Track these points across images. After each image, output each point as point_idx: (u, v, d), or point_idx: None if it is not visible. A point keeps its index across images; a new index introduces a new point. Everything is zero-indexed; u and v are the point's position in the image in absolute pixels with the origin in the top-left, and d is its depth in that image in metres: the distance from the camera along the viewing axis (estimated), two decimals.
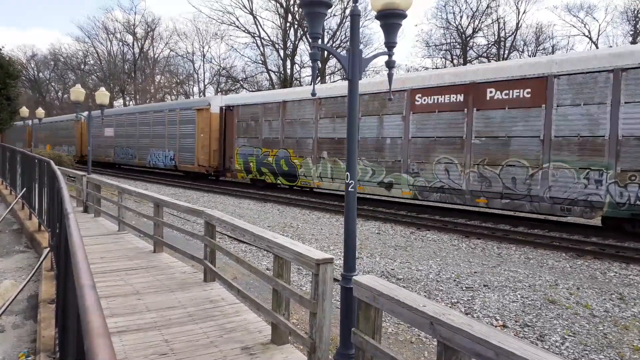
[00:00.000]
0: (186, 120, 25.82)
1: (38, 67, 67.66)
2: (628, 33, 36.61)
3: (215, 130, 24.02)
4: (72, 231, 2.50)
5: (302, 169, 18.77)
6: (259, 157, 20.89)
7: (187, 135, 25.72)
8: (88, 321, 1.29)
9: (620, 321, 6.22)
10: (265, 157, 20.57)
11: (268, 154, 20.44)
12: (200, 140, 24.50)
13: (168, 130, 27.53)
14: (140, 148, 30.43)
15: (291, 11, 41.14)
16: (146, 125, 29.98)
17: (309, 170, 18.45)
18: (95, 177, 13.20)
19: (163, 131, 28.04)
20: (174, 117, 27.16)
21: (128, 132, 32.22)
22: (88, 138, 34.62)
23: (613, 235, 11.58)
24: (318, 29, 3.84)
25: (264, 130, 20.71)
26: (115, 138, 33.60)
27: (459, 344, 2.48)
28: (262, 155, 20.71)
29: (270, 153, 20.31)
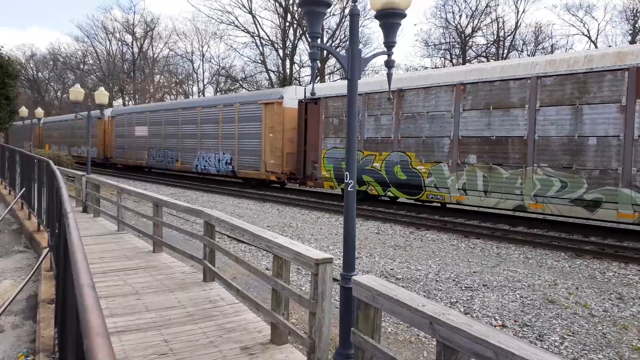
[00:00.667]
0: (249, 116, 21.55)
1: (37, 67, 67.62)
2: (627, 32, 36.65)
3: (290, 128, 19.57)
4: (71, 231, 2.50)
5: (430, 178, 14.28)
6: (358, 163, 16.05)
7: (249, 135, 21.48)
8: (87, 321, 1.29)
9: (619, 321, 6.22)
10: (368, 163, 16.01)
11: (373, 159, 15.92)
12: (269, 141, 20.13)
13: (223, 129, 23.12)
14: (184, 150, 25.79)
15: (290, 10, 41.13)
16: (191, 123, 25.43)
17: (444, 180, 13.95)
18: (94, 177, 13.19)
19: (215, 130, 23.48)
20: (230, 113, 22.70)
21: (167, 132, 27.52)
22: (112, 137, 31.67)
23: (612, 235, 11.59)
24: (317, 28, 3.84)
25: (366, 128, 16.08)
26: (149, 138, 29.16)
27: (458, 343, 2.48)
28: (363, 160, 16.14)
29: (376, 157, 15.84)
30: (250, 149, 21.45)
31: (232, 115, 22.52)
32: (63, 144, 40.89)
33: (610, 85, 10.74)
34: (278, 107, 19.95)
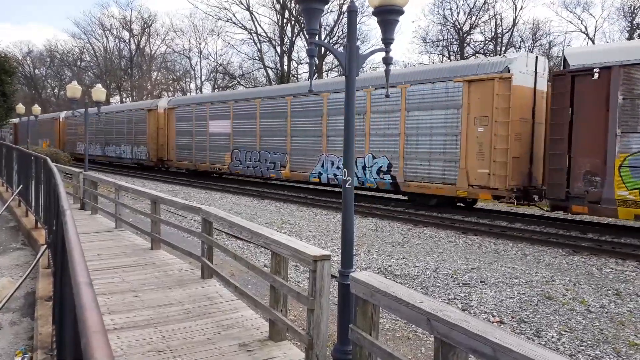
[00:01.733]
0: (432, 102, 14.38)
1: (34, 64, 67.36)
2: (625, 29, 36.67)
3: (517, 119, 12.77)
4: (69, 228, 2.49)
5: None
6: None
7: (431, 129, 14.40)
8: (85, 318, 1.29)
9: (616, 317, 6.25)
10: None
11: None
12: (474, 137, 13.35)
13: (373, 122, 15.97)
14: (296, 152, 18.98)
15: (288, 7, 41.04)
16: (308, 116, 18.42)
17: None
18: (91, 174, 13.16)
19: (360, 124, 16.14)
20: (391, 98, 15.28)
21: (266, 128, 20.45)
22: (171, 135, 26.30)
23: (609, 231, 11.63)
24: (315, 25, 3.83)
25: None
26: (233, 136, 22.32)
27: (456, 340, 2.49)
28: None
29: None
30: (432, 150, 14.36)
31: (396, 101, 15.21)
32: (94, 142, 34.89)
33: None
34: (501, 85, 12.76)
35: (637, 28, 35.41)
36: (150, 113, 28.28)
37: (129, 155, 30.85)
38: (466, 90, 13.55)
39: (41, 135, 41.43)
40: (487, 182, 13.05)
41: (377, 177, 15.94)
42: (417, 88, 14.73)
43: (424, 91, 14.59)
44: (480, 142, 13.29)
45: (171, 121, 27.06)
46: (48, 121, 41.78)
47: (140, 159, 29.63)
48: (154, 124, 28.02)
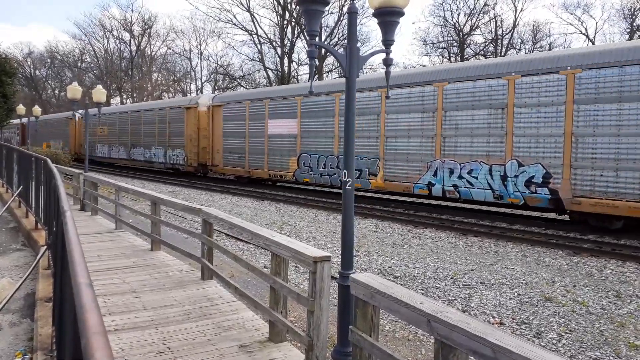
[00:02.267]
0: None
1: (34, 65, 67.43)
2: (625, 31, 36.70)
3: None
4: (69, 229, 2.49)
5: None
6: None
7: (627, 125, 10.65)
8: (85, 319, 1.29)
9: (616, 318, 6.24)
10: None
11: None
12: None
13: (518, 116, 12.33)
14: (393, 157, 15.41)
15: (288, 9, 41.08)
16: (420, 111, 14.53)
17: None
18: (92, 175, 13.17)
19: (499, 121, 12.73)
20: (526, 90, 12.13)
21: (363, 127, 16.11)
22: (217, 135, 22.37)
23: (610, 233, 11.62)
24: (315, 26, 3.83)
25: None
26: (301, 138, 18.63)
27: (456, 341, 2.48)
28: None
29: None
30: (620, 153, 10.74)
31: (558, 91, 11.55)
32: (117, 144, 32.41)
33: None
34: None
35: (637, 30, 35.44)
36: (190, 111, 24.95)
37: (161, 159, 27.60)
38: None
39: (52, 136, 39.24)
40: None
41: (525, 191, 12.24)
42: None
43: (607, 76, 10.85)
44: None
45: (217, 120, 23.62)
46: (61, 121, 39.14)
47: (177, 163, 26.29)
48: (193, 124, 24.75)
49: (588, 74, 11.21)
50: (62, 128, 38.59)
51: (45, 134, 40.00)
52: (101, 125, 33.73)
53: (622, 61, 10.71)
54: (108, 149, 33.83)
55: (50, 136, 39.83)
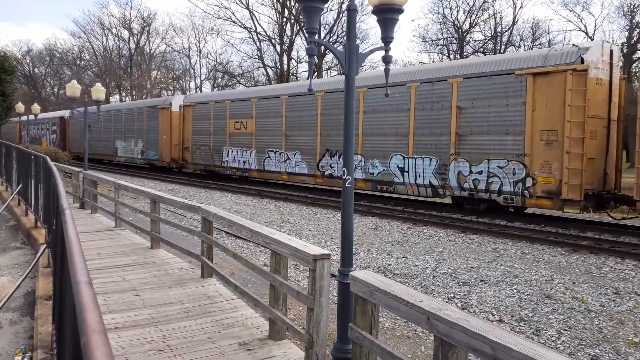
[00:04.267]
0: None
1: (33, 63, 67.32)
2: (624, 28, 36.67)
3: None
4: (68, 227, 2.49)
5: None
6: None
7: None
8: (84, 318, 1.29)
9: (615, 315, 6.25)
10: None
11: None
12: None
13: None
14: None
15: (287, 6, 41.00)
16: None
17: None
18: (91, 173, 13.16)
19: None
20: None
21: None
22: None
23: (608, 230, 11.63)
24: (314, 23, 3.82)
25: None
26: None
27: (455, 339, 2.49)
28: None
29: None
30: None
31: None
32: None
33: None
34: None
35: (636, 26, 35.40)
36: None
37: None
38: None
39: (125, 133, 30.73)
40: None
41: None
42: None
43: None
44: None
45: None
46: (145, 111, 28.90)
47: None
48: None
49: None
50: (146, 121, 28.34)
51: (111, 130, 32.58)
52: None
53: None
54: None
55: (121, 133, 31.35)
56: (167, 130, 26.72)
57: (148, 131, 28.53)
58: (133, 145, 30.29)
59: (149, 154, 28.65)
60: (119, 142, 32.03)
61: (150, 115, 28.43)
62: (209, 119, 23.81)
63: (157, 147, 27.68)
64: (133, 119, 30.18)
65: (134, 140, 30.20)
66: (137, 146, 29.84)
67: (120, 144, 31.86)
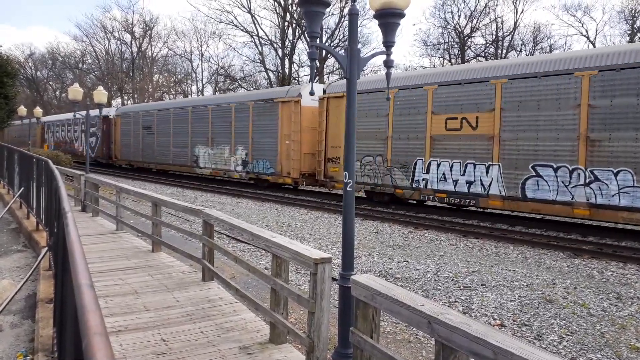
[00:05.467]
0: None
1: (36, 66, 67.50)
2: (625, 32, 36.69)
3: None
4: (70, 230, 2.49)
5: None
6: None
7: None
8: (85, 320, 1.29)
9: (617, 320, 6.23)
10: None
11: None
12: None
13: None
14: None
15: (289, 10, 41.11)
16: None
17: None
18: (92, 177, 13.18)
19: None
20: None
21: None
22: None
23: (610, 234, 11.61)
24: (316, 28, 3.84)
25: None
26: None
27: (457, 343, 2.48)
28: None
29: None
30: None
31: None
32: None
33: None
34: None
35: (638, 31, 35.42)
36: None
37: None
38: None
39: (219, 136, 23.11)
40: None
41: None
42: None
43: None
44: None
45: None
46: (263, 104, 20.53)
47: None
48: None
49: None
50: (253, 120, 21.08)
51: (186, 132, 25.29)
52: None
53: None
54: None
55: (205, 137, 23.97)
56: (294, 133, 18.97)
57: (256, 133, 20.81)
58: (227, 154, 22.48)
59: (257, 165, 20.84)
60: (200, 149, 24.19)
61: (261, 111, 20.60)
62: (381, 116, 15.90)
63: (272, 156, 19.83)
64: (227, 116, 22.51)
65: (229, 146, 22.34)
66: (236, 154, 21.97)
67: (202, 151, 24.00)
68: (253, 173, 21.30)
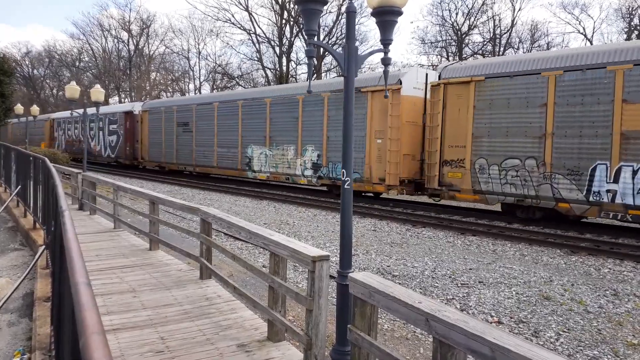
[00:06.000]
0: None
1: (32, 64, 67.26)
2: (622, 30, 36.74)
3: None
4: (67, 228, 2.49)
5: None
6: None
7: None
8: (83, 318, 1.29)
9: (614, 317, 6.25)
10: None
11: None
12: None
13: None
14: None
15: (287, 8, 41.03)
16: None
17: None
18: (90, 175, 13.15)
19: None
20: None
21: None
22: None
23: (607, 232, 11.64)
24: (314, 25, 3.83)
25: None
26: None
27: (454, 340, 2.49)
28: None
29: None
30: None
31: None
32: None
33: None
34: None
35: (635, 29, 35.48)
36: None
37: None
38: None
39: (265, 135, 19.99)
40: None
41: None
42: None
43: None
44: None
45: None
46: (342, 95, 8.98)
47: None
48: None
49: None
50: (327, 114, 17.62)
51: (235, 129, 21.60)
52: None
53: None
54: None
55: (261, 135, 20.34)
56: (391, 129, 15.39)
57: (333, 131, 17.23)
58: (292, 155, 18.90)
59: (335, 169, 17.29)
60: (254, 149, 20.65)
61: (340, 103, 14.21)
62: (534, 106, 12.23)
63: (357, 158, 16.06)
64: (292, 111, 18.81)
65: (293, 146, 18.76)
66: (303, 156, 18.34)
67: (257, 152, 20.47)
68: (327, 178, 17.41)
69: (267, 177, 20.25)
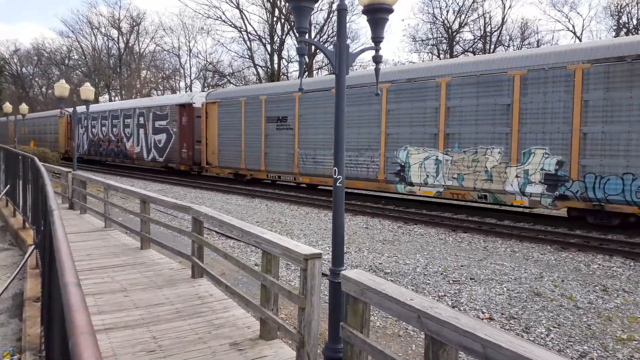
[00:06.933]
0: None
1: (21, 62, 66.57)
2: (611, 28, 37.07)
3: None
4: (57, 228, 2.47)
5: None
6: None
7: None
8: (72, 319, 1.28)
9: (603, 312, 6.32)
10: None
11: None
12: None
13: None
14: None
15: (278, 5, 40.93)
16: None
17: None
18: (80, 174, 13.05)
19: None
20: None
21: None
22: None
23: (597, 228, 11.75)
24: (305, 23, 3.82)
25: None
26: None
27: (446, 337, 2.50)
28: None
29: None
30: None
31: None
32: None
33: None
34: None
35: (623, 27, 35.80)
36: None
37: None
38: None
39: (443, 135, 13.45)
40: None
41: None
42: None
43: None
44: None
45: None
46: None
47: None
48: None
49: None
50: (610, 95, 10.63)
51: (369, 124, 15.25)
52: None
53: None
54: None
55: (431, 132, 13.77)
56: None
57: (598, 124, 10.86)
58: (496, 161, 12.51)
59: (605, 186, 10.86)
60: (411, 152, 14.36)
61: (615, 80, 10.48)
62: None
63: None
64: (496, 94, 12.42)
65: (500, 147, 12.42)
66: (523, 164, 12.03)
67: (418, 156, 14.13)
68: (584, 201, 11.17)
69: (439, 192, 13.89)
